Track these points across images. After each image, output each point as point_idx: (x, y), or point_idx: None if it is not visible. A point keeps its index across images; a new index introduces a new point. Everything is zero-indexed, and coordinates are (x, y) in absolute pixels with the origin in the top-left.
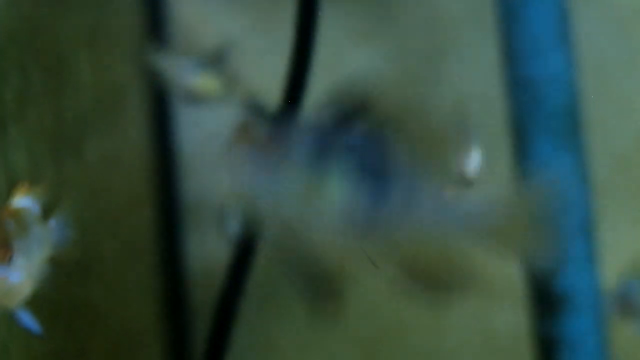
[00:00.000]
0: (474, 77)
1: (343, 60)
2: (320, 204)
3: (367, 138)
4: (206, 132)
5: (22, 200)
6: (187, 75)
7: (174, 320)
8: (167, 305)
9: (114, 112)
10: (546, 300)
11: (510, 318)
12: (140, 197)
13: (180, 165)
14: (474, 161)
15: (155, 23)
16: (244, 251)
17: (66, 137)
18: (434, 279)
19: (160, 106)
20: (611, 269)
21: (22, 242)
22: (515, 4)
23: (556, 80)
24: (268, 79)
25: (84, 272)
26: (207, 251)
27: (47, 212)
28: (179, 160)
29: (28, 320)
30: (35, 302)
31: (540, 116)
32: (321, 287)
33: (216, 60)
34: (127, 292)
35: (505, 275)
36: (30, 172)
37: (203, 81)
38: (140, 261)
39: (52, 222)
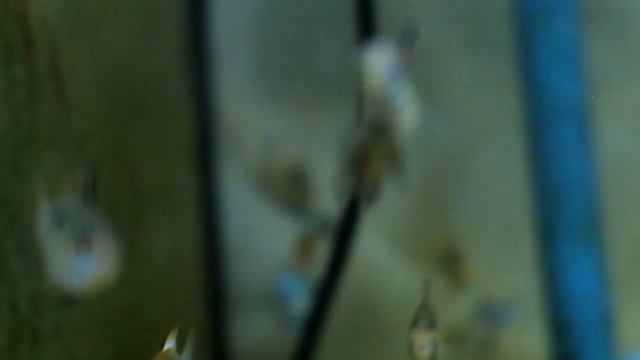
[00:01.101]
0: (501, 177)
1: None
2: None
3: None
4: (251, 226)
5: (170, 342)
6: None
7: None
8: None
9: (172, 212)
10: None
11: None
12: (192, 289)
13: (228, 256)
14: None
15: (206, 127)
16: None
17: (132, 238)
18: None
19: (210, 204)
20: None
21: None
22: (540, 112)
23: (579, 185)
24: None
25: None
26: (253, 336)
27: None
28: (227, 251)
29: None
30: None
31: (564, 219)
32: None
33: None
34: None
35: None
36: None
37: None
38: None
39: (184, 356)
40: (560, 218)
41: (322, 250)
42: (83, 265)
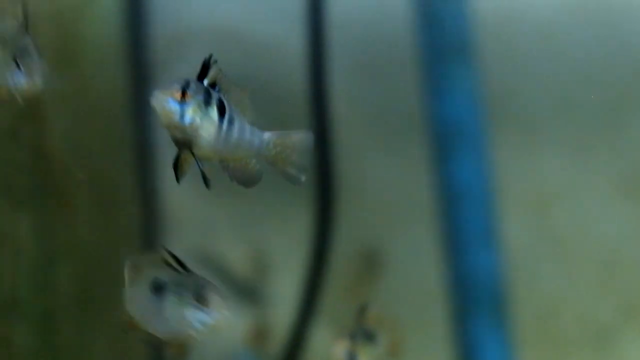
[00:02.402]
0: (418, 264)
1: None
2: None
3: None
4: None
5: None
6: None
7: None
8: None
9: None
10: None
11: None
12: None
13: None
14: None
15: (151, 213)
16: None
17: None
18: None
19: None
20: None
21: None
22: (449, 202)
23: (486, 273)
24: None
25: None
26: None
27: None
28: None
29: None
30: None
31: (474, 301)
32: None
33: None
34: None
35: None
36: None
37: None
38: None
39: None
40: (471, 299)
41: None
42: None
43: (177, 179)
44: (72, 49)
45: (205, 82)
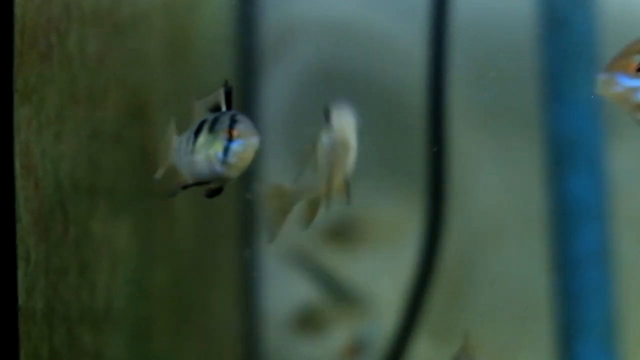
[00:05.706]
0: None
1: None
2: None
3: None
4: None
5: None
6: None
7: None
8: None
9: None
10: None
11: None
12: None
13: None
14: None
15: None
16: None
17: None
18: None
19: None
20: None
21: None
22: (562, 217)
23: (596, 293)
24: None
25: None
26: None
27: None
28: None
29: None
30: None
31: (582, 322)
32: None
33: None
34: None
35: None
36: None
37: None
38: None
39: None
40: (578, 321)
41: None
42: None
43: None
44: (183, 43)
45: None
